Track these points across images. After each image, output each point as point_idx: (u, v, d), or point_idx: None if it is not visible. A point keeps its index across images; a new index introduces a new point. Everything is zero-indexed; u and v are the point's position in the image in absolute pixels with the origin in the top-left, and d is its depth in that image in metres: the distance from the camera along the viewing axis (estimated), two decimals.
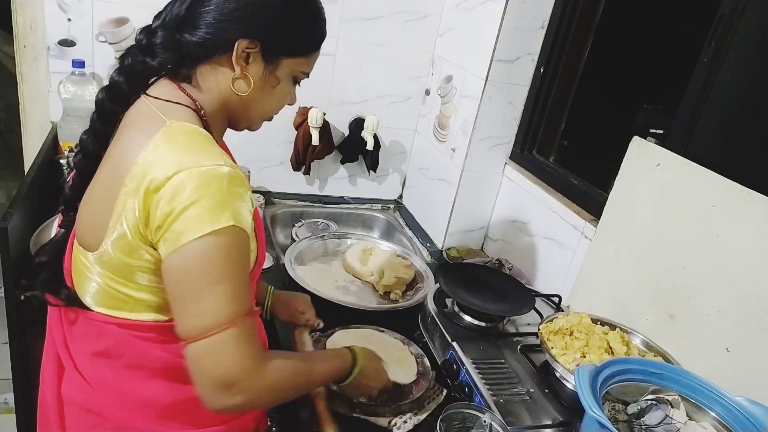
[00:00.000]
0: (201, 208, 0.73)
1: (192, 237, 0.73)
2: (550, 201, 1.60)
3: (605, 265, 1.37)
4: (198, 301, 0.76)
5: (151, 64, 0.84)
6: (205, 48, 0.84)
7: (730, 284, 1.07)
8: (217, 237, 0.74)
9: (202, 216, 0.73)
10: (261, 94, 0.89)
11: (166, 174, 0.74)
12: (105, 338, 0.85)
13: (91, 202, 0.86)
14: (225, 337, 0.75)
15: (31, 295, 0.87)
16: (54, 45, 1.65)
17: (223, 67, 0.86)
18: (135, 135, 0.81)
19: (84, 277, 0.86)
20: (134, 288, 0.82)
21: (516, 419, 1.04)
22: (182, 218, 0.74)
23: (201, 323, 0.75)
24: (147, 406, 0.87)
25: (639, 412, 1.00)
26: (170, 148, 0.77)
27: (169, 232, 0.75)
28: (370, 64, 1.95)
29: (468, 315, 1.31)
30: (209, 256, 0.75)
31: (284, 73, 0.90)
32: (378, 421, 1.07)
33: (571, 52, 1.66)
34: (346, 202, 2.11)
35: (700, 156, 1.17)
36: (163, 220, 0.74)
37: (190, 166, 0.74)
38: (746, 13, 1.12)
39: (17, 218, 1.22)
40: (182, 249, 0.74)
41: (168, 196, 0.74)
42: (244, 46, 0.84)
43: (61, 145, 1.66)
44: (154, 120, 0.80)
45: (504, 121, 1.75)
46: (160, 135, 0.78)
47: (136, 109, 0.86)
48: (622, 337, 1.18)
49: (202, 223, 0.73)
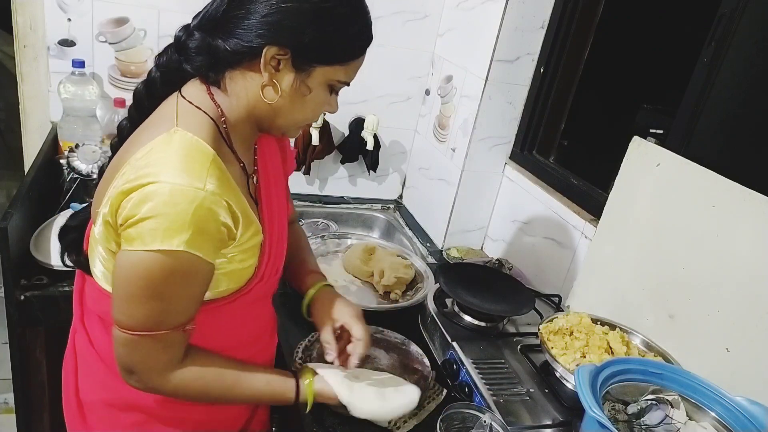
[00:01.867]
0: (157, 224, 0.73)
1: (140, 247, 0.74)
2: (550, 201, 1.60)
3: (605, 265, 1.37)
4: (129, 304, 0.79)
5: (185, 65, 0.85)
6: (235, 53, 0.81)
7: (730, 284, 1.07)
8: (163, 257, 0.74)
9: (156, 232, 0.73)
10: (291, 103, 0.85)
11: (141, 180, 0.74)
12: (101, 303, 0.88)
13: (102, 188, 0.89)
14: (142, 341, 0.80)
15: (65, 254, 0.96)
16: (54, 45, 1.65)
17: (253, 73, 0.83)
18: (144, 133, 0.83)
19: (92, 248, 0.89)
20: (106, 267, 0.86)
21: (516, 419, 1.04)
22: (138, 226, 0.74)
23: (126, 321, 0.80)
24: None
25: (639, 412, 1.00)
26: (159, 156, 0.77)
27: (125, 234, 0.76)
28: (370, 64, 1.93)
29: (468, 315, 1.31)
30: (150, 272, 0.76)
31: (317, 82, 0.86)
32: (378, 421, 1.07)
33: (571, 52, 1.66)
34: (346, 202, 2.11)
35: (700, 156, 1.17)
36: (125, 221, 0.75)
37: (166, 180, 0.74)
38: (746, 13, 1.12)
39: (17, 218, 1.22)
40: (129, 253, 0.76)
41: (135, 201, 0.74)
42: (273, 53, 0.80)
43: (61, 145, 1.66)
44: (166, 122, 0.82)
45: (504, 121, 1.75)
46: (159, 139, 0.78)
47: (164, 105, 0.87)
48: (622, 337, 1.18)
49: (153, 239, 0.74)
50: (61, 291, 1.27)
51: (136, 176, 0.75)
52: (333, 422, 1.07)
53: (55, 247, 1.31)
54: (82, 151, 1.54)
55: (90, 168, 1.52)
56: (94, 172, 1.53)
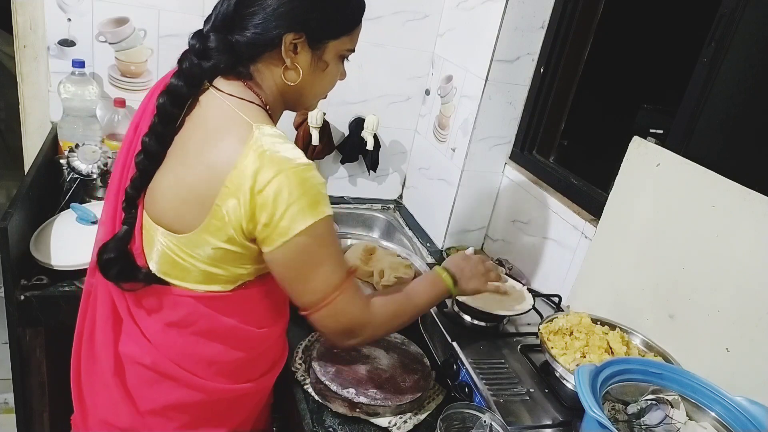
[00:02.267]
0: (301, 205, 0.83)
1: (297, 231, 0.84)
2: (550, 201, 1.60)
3: (605, 265, 1.37)
4: (307, 282, 0.90)
5: (207, 66, 0.90)
6: (255, 47, 0.90)
7: (730, 284, 1.07)
8: (315, 228, 0.85)
9: (305, 212, 0.84)
10: (312, 79, 0.96)
11: (267, 177, 0.82)
12: (179, 309, 0.95)
13: (174, 192, 0.92)
14: (337, 302, 0.91)
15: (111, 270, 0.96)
16: (54, 45, 1.65)
17: (275, 61, 0.92)
18: (227, 139, 0.87)
19: (150, 245, 0.95)
20: (207, 265, 0.91)
21: (516, 419, 1.04)
22: (287, 216, 0.83)
23: (314, 298, 0.91)
24: (207, 365, 0.98)
25: (639, 412, 1.00)
26: (264, 153, 0.83)
27: (278, 229, 0.84)
28: (370, 64, 1.95)
29: (468, 315, 1.31)
30: (311, 246, 0.87)
31: (331, 56, 0.96)
32: (378, 421, 1.07)
33: (571, 52, 1.66)
34: (346, 202, 2.11)
35: (700, 156, 1.17)
36: (270, 219, 0.84)
37: (285, 168, 0.83)
38: (746, 13, 1.11)
39: (17, 218, 1.22)
40: (289, 242, 0.85)
41: (271, 197, 0.82)
42: (290, 39, 0.89)
43: (61, 145, 1.66)
44: (240, 123, 0.87)
45: (504, 121, 1.75)
46: (254, 140, 0.84)
47: (212, 109, 0.91)
48: (622, 337, 1.18)
49: (305, 218, 0.84)
50: (61, 291, 1.26)
51: (257, 175, 0.82)
52: (333, 422, 1.07)
53: (55, 247, 1.32)
54: (82, 151, 1.54)
55: (90, 168, 1.52)
56: (94, 172, 1.53)
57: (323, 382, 1.09)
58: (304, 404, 1.10)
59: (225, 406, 1.03)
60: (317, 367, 1.12)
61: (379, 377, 1.13)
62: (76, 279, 1.29)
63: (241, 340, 0.99)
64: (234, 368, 1.01)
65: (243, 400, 1.06)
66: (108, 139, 1.70)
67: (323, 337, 1.22)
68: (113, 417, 1.00)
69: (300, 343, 1.24)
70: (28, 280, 1.25)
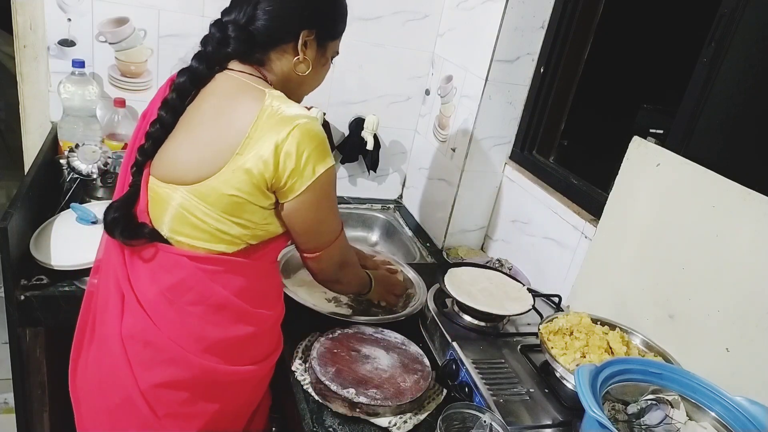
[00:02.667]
0: (318, 151, 0.97)
1: (321, 170, 0.97)
2: (550, 201, 1.60)
3: (605, 265, 1.37)
4: (324, 223, 1.07)
5: (227, 51, 1.02)
6: (272, 38, 1.03)
7: (730, 284, 1.07)
8: (330, 172, 1.00)
9: (323, 156, 0.97)
10: (314, 73, 1.09)
11: (287, 130, 0.93)
12: (177, 271, 1.00)
13: (190, 155, 1.00)
14: (341, 239, 1.13)
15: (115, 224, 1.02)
16: (54, 45, 1.65)
17: (287, 52, 1.05)
18: (245, 101, 0.98)
19: (163, 207, 1.01)
20: (217, 218, 0.98)
21: (516, 419, 1.04)
22: (310, 162, 0.96)
23: (329, 238, 1.10)
24: (199, 341, 1.01)
25: (639, 412, 1.00)
26: (280, 109, 0.95)
27: (304, 174, 0.96)
28: (370, 64, 1.95)
29: (468, 315, 1.31)
30: (328, 187, 1.02)
31: (329, 54, 1.11)
32: (378, 421, 1.07)
33: (571, 52, 1.66)
34: (346, 202, 2.11)
35: (700, 156, 1.17)
36: (296, 166, 0.95)
37: (299, 122, 0.94)
38: (746, 13, 1.11)
39: (17, 218, 1.22)
40: (314, 184, 0.98)
41: (294, 149, 0.94)
42: (305, 35, 1.03)
43: (61, 145, 1.66)
44: (254, 89, 0.99)
45: (504, 121, 1.75)
46: (269, 99, 0.96)
47: (226, 82, 1.03)
48: (622, 337, 1.18)
49: (324, 160, 0.98)
50: (61, 291, 1.27)
51: (278, 128, 0.93)
52: (333, 422, 1.07)
53: (55, 247, 1.32)
54: (82, 151, 1.54)
55: (90, 168, 1.52)
56: (94, 172, 1.53)
57: (323, 382, 1.09)
58: (304, 404, 1.10)
59: (216, 390, 1.05)
60: (317, 367, 1.12)
61: (379, 377, 1.13)
62: (76, 279, 1.29)
63: (232, 318, 1.03)
64: (224, 348, 1.03)
65: (232, 387, 1.07)
66: (108, 139, 1.70)
67: (322, 338, 1.23)
68: (110, 395, 1.04)
69: (300, 343, 1.24)
70: (28, 280, 1.25)
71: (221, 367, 1.03)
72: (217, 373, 1.03)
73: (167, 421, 1.02)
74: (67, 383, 1.10)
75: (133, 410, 1.01)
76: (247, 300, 1.04)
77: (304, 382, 1.15)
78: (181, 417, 1.03)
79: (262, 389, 1.18)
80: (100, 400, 1.05)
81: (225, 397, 1.07)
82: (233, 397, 1.08)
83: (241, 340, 1.05)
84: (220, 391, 1.06)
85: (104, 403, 1.04)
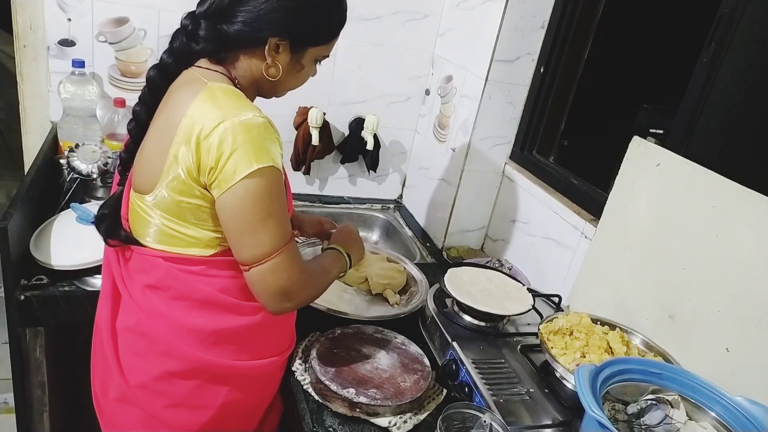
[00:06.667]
0: (246, 150, 0.88)
1: (242, 175, 0.88)
2: (550, 201, 1.60)
3: (605, 265, 1.37)
4: (254, 234, 0.92)
5: (196, 48, 0.98)
6: (241, 41, 0.97)
7: (730, 284, 1.07)
8: (261, 176, 0.90)
9: (249, 157, 0.88)
10: (287, 77, 1.04)
11: (212, 124, 0.88)
12: (154, 271, 1.00)
13: (146, 155, 1.00)
14: (281, 259, 0.94)
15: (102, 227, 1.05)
16: (54, 45, 1.65)
17: (257, 56, 0.99)
18: (182, 95, 0.95)
19: (144, 221, 1.00)
20: (185, 226, 0.97)
21: (516, 419, 1.04)
22: (231, 160, 0.88)
23: (260, 251, 0.93)
24: (191, 333, 1.01)
25: (639, 412, 1.00)
26: (213, 103, 0.91)
27: (223, 173, 0.89)
28: (370, 64, 1.95)
29: (468, 315, 1.31)
30: (258, 194, 0.90)
31: (308, 60, 1.05)
32: (378, 421, 1.07)
33: (571, 52, 1.66)
34: (346, 202, 2.11)
35: (700, 156, 1.17)
36: (216, 162, 0.89)
37: (232, 116, 0.88)
38: (746, 13, 1.12)
39: (17, 218, 1.22)
40: (235, 187, 0.89)
41: (216, 143, 0.88)
42: (275, 42, 0.97)
43: (61, 145, 1.66)
44: (197, 82, 0.95)
45: (504, 121, 1.75)
46: (204, 92, 0.92)
47: (181, 77, 1.00)
48: (622, 337, 1.18)
49: (249, 163, 0.88)
50: (61, 291, 1.26)
51: (204, 123, 0.89)
52: (333, 422, 1.07)
53: (55, 247, 1.32)
54: (82, 151, 1.54)
55: (90, 168, 1.52)
56: (94, 172, 1.53)
57: (323, 382, 1.09)
58: (304, 404, 1.10)
59: (220, 383, 1.05)
60: (317, 367, 1.12)
61: (379, 377, 1.13)
62: (76, 279, 1.29)
63: (221, 310, 1.02)
64: (221, 340, 1.03)
65: (239, 381, 1.07)
66: (108, 139, 1.70)
67: (322, 338, 1.23)
68: (109, 387, 1.06)
69: (300, 343, 1.24)
70: (28, 280, 1.25)
71: (220, 360, 1.03)
72: (217, 366, 1.03)
73: (171, 412, 1.03)
74: (68, 383, 1.12)
75: (129, 405, 1.03)
76: (234, 295, 1.03)
77: (304, 382, 1.15)
78: (185, 408, 1.04)
79: (271, 387, 1.17)
80: (102, 397, 1.08)
81: (230, 391, 1.06)
82: (240, 391, 1.08)
83: (238, 332, 1.04)
84: (224, 384, 1.05)
85: (105, 399, 1.07)
